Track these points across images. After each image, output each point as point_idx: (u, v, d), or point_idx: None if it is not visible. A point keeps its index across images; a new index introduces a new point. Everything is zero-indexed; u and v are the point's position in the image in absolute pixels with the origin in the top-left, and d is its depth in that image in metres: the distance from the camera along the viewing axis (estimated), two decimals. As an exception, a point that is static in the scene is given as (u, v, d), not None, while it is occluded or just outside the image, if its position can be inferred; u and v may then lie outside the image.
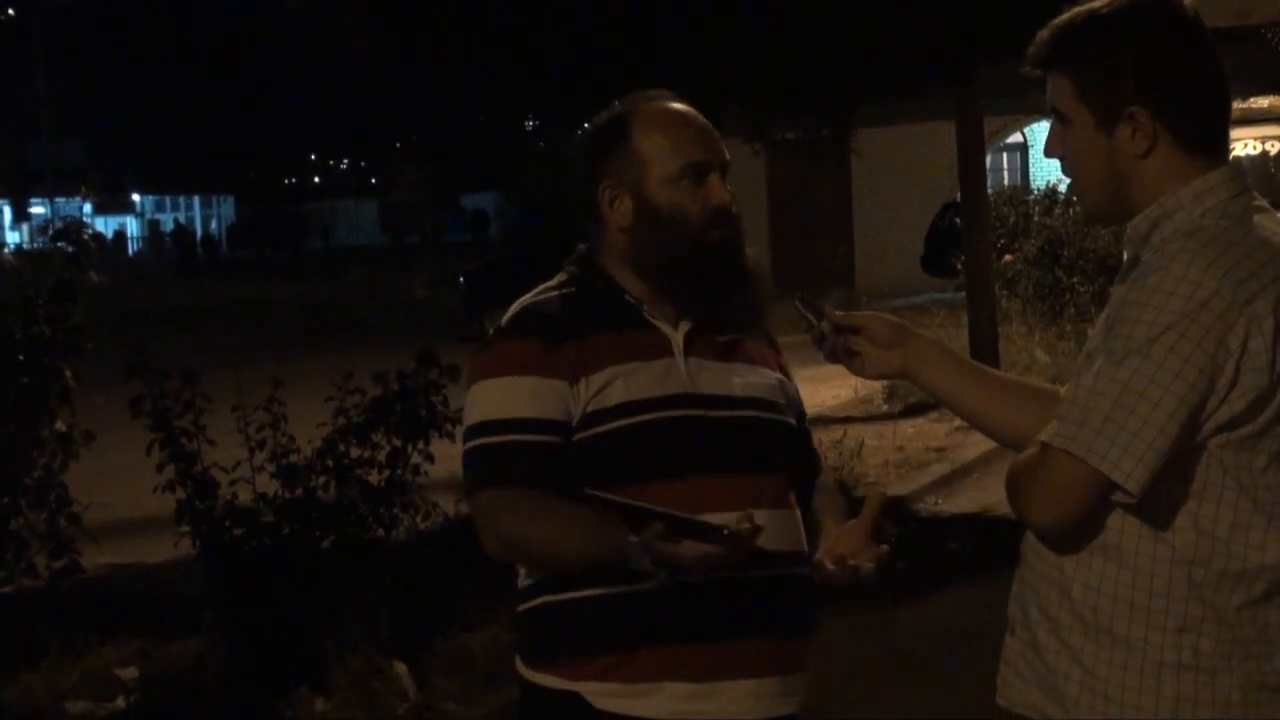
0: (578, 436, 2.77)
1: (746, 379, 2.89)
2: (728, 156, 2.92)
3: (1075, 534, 2.43)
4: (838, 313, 2.77)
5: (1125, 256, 2.55)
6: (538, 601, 2.83)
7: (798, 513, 2.89)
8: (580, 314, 2.84)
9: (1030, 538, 2.53)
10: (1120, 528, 2.41)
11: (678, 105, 2.93)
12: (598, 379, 2.77)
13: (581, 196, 2.94)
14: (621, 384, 2.77)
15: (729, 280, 2.86)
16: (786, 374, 3.04)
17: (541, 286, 2.93)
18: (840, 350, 2.76)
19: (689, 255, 2.82)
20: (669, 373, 2.82)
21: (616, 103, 2.94)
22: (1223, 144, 2.50)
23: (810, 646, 2.91)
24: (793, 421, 2.96)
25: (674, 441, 2.77)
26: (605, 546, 2.65)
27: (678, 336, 2.86)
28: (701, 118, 2.93)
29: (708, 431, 2.80)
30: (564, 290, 2.90)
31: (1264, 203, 2.50)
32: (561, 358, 2.77)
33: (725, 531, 2.55)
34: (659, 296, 2.87)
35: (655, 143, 2.86)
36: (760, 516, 2.70)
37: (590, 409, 2.76)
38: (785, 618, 2.84)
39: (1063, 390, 2.57)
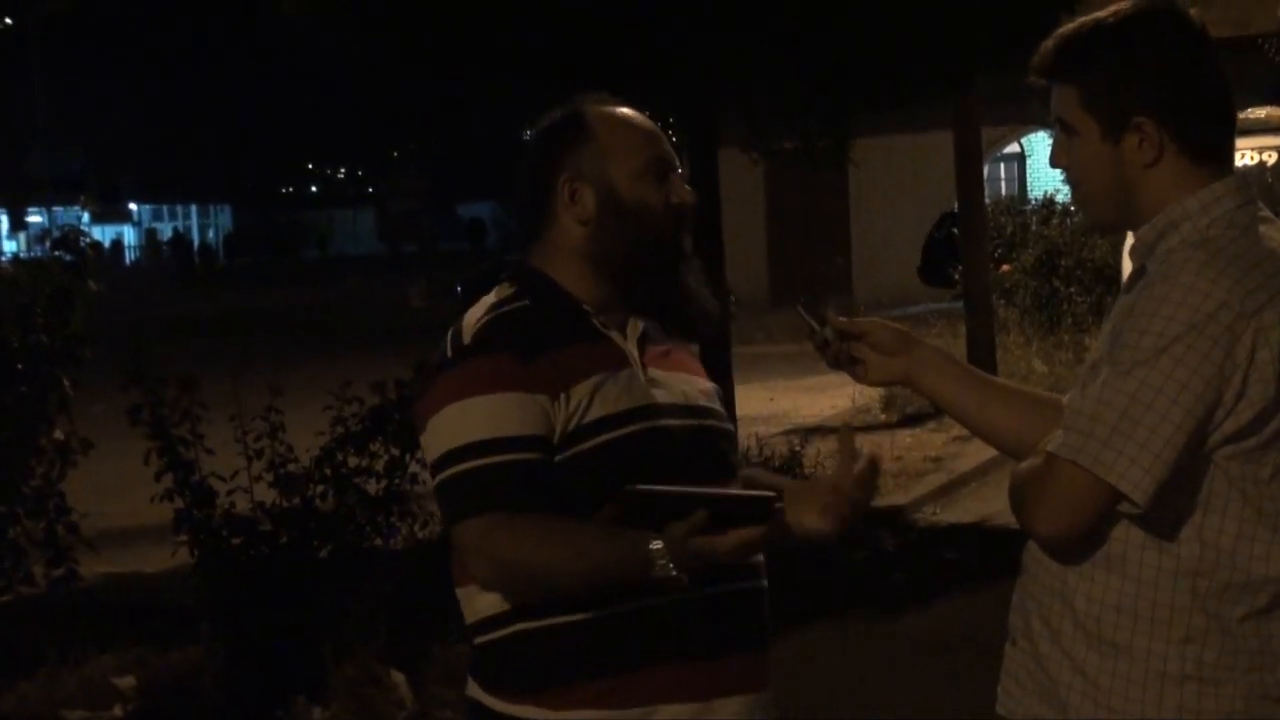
0: (560, 456, 2.64)
1: (693, 387, 2.83)
2: (676, 158, 2.87)
3: (1079, 545, 2.42)
4: (840, 318, 2.75)
5: (1130, 267, 2.54)
6: (510, 630, 2.68)
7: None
8: (544, 327, 2.71)
9: (1032, 548, 2.52)
10: (1124, 539, 2.40)
11: (629, 108, 2.86)
12: (577, 394, 2.65)
13: (530, 193, 2.82)
14: (599, 398, 2.67)
15: (682, 278, 2.79)
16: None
17: (489, 302, 2.76)
18: (842, 356, 2.74)
19: (652, 251, 2.75)
20: (633, 384, 2.72)
21: (565, 103, 2.86)
22: (1228, 154, 2.50)
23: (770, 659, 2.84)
24: (733, 428, 2.91)
25: (654, 454, 2.68)
26: (625, 559, 2.53)
27: (630, 346, 2.78)
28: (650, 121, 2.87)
29: (680, 442, 2.72)
30: (517, 304, 2.75)
31: (1269, 213, 2.49)
32: (539, 372, 2.64)
33: (775, 502, 2.49)
34: (615, 294, 2.78)
35: (619, 136, 2.78)
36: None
37: (571, 426, 2.65)
38: (762, 631, 2.78)
39: (1064, 399, 2.56)
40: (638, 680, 2.64)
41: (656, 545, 2.50)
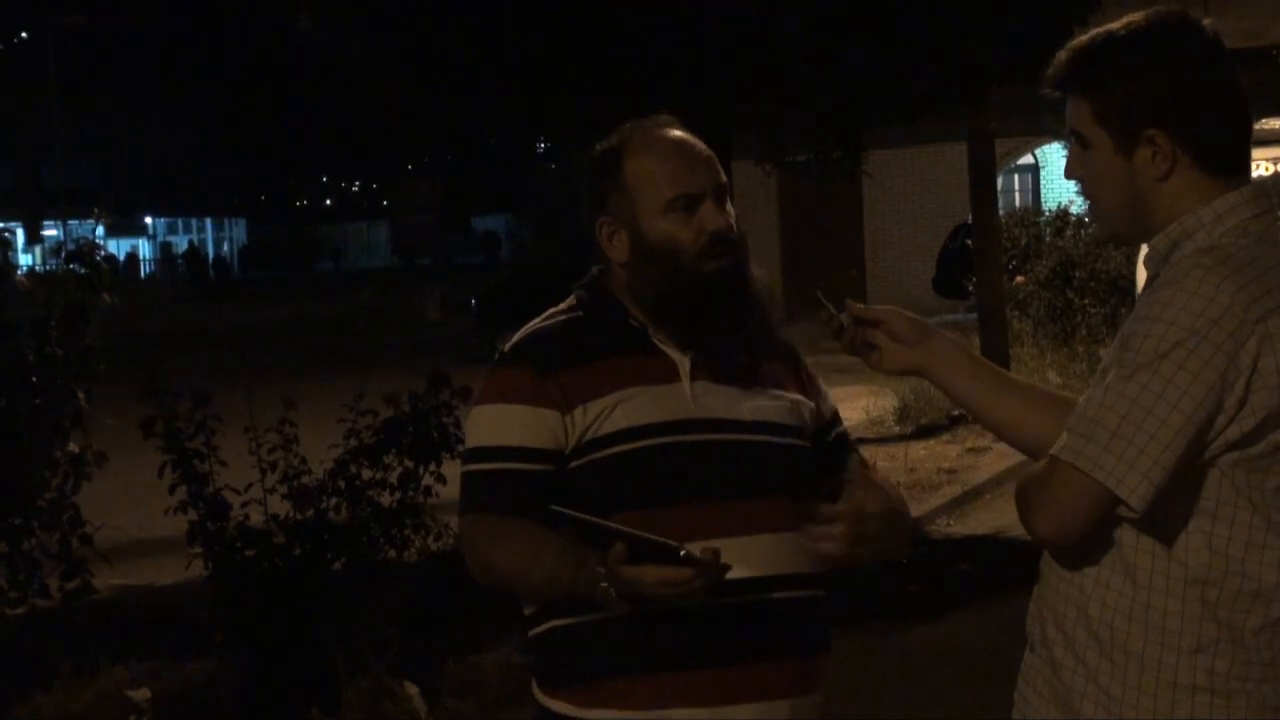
0: (575, 464, 2.77)
1: (756, 402, 2.87)
2: (724, 179, 2.90)
3: (1092, 552, 2.42)
4: (858, 305, 2.76)
5: (1146, 276, 2.53)
6: (547, 626, 2.82)
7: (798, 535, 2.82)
8: (584, 340, 2.84)
9: (1049, 555, 2.52)
10: (1134, 546, 2.40)
11: (672, 133, 2.91)
12: (596, 406, 2.77)
13: (586, 226, 2.94)
14: (622, 410, 2.77)
15: (729, 309, 2.83)
16: (808, 388, 2.99)
17: (550, 310, 2.94)
18: (859, 343, 2.75)
19: (684, 288, 2.81)
20: (673, 397, 2.81)
21: (615, 132, 2.93)
22: (1244, 164, 2.48)
23: (821, 668, 2.88)
24: (804, 444, 2.91)
25: (673, 467, 2.76)
26: (575, 576, 2.64)
27: (685, 360, 2.85)
28: (697, 144, 2.91)
29: (710, 456, 2.78)
30: (570, 315, 2.91)
31: None
32: (555, 386, 2.78)
33: (682, 553, 2.52)
34: (660, 327, 2.87)
35: (646, 175, 2.85)
36: (762, 541, 2.73)
37: (588, 436, 2.76)
38: (792, 641, 2.82)
39: (1081, 400, 2.56)
40: (650, 682, 2.72)
41: (602, 569, 2.59)
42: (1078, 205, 18.90)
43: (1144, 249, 2.53)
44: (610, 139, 2.92)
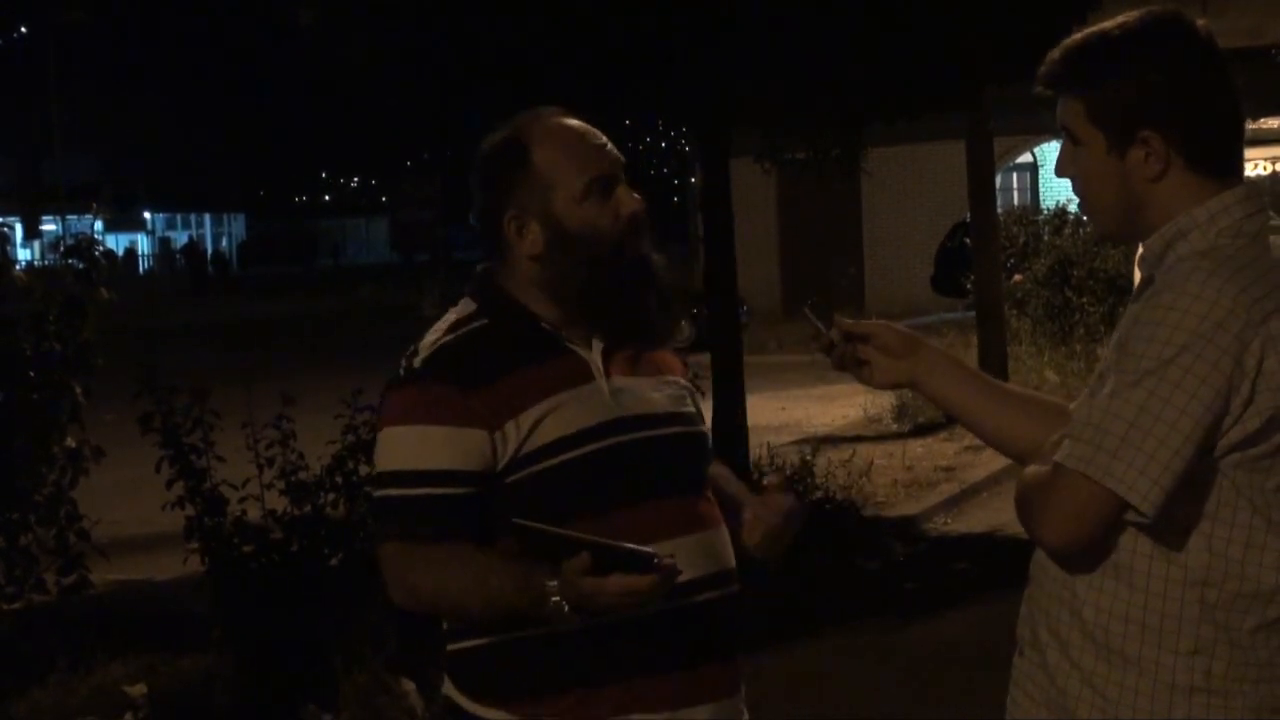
0: (513, 478, 2.65)
1: (663, 392, 2.82)
2: (624, 161, 2.82)
3: (1086, 554, 2.41)
4: (847, 320, 2.74)
5: (1139, 276, 2.53)
6: (479, 641, 2.71)
7: (726, 529, 2.81)
8: (499, 350, 2.71)
9: (1040, 558, 2.51)
10: (1132, 548, 2.39)
11: (573, 120, 2.81)
12: (528, 418, 2.66)
13: (482, 222, 2.81)
14: (553, 420, 2.66)
15: (652, 296, 2.78)
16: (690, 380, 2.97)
17: (450, 320, 2.79)
18: (848, 358, 2.74)
19: (609, 274, 2.72)
20: (596, 399, 2.72)
21: (509, 124, 2.82)
22: (1237, 165, 2.48)
23: (741, 665, 2.85)
24: (707, 431, 2.90)
25: (612, 471, 2.68)
26: (521, 592, 2.54)
27: (595, 358, 2.76)
28: (596, 130, 2.82)
29: (641, 455, 2.72)
30: (476, 323, 2.77)
31: None
32: (480, 403, 2.65)
33: (656, 560, 2.46)
34: (578, 320, 2.77)
35: (556, 163, 2.73)
36: (703, 539, 2.71)
37: (523, 451, 2.65)
38: (732, 639, 2.79)
39: (1072, 406, 2.55)
40: (611, 692, 2.65)
41: (553, 583, 2.50)
42: (1076, 204, 18.92)
43: (1140, 247, 2.52)
44: (505, 130, 2.81)
